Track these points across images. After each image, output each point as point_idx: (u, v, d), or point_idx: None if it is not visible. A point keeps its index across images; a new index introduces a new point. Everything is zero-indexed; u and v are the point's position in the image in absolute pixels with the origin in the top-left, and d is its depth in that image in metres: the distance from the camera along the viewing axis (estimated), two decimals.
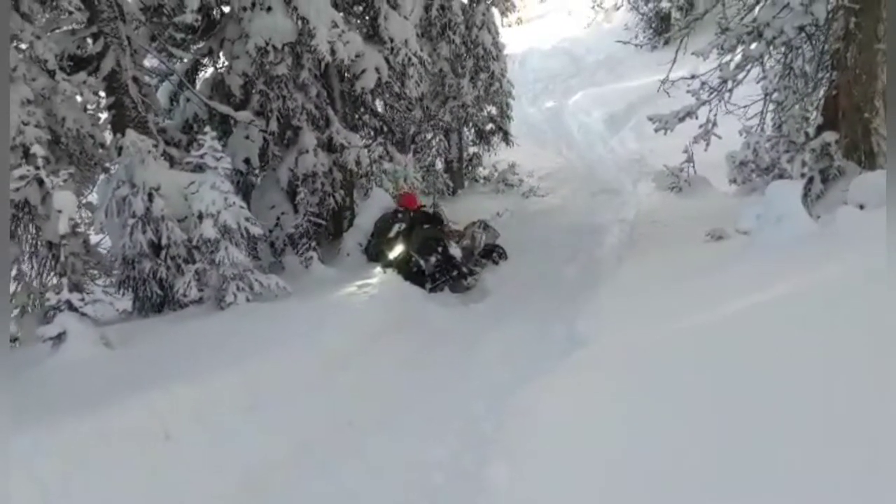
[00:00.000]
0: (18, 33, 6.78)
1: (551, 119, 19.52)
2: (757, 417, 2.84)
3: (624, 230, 9.92)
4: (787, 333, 3.47)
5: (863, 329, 3.13)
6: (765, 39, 7.94)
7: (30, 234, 7.53)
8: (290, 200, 9.17)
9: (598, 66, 22.45)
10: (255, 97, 8.93)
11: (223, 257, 6.70)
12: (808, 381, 2.96)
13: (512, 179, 14.53)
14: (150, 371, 4.73)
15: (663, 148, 12.26)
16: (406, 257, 8.50)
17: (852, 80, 7.78)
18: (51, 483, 3.35)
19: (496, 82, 14.11)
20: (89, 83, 7.42)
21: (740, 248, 6.33)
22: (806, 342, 3.30)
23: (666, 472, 2.73)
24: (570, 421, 3.41)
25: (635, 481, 2.70)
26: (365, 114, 10.84)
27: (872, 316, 3.19)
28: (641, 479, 2.70)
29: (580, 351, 4.64)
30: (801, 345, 3.29)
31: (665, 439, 2.96)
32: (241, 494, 3.76)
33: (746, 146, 10.54)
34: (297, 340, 5.51)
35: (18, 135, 6.55)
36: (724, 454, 2.70)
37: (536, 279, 8.49)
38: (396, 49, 9.38)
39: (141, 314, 7.31)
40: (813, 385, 2.92)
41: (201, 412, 4.14)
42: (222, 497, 3.69)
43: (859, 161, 8.02)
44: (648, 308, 5.18)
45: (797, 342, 3.33)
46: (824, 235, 5.61)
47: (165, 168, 7.35)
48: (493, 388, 4.97)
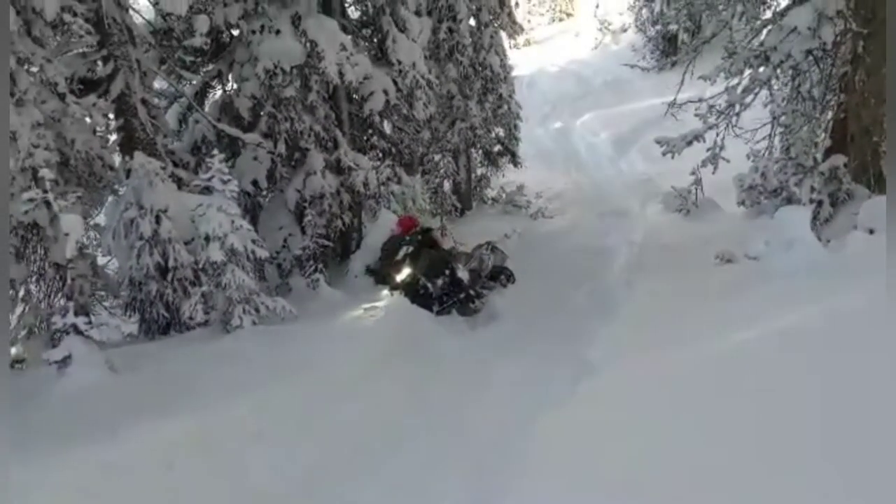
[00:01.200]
0: (30, 56, 6.83)
1: (559, 140, 19.57)
2: (765, 446, 2.80)
3: (632, 252, 9.88)
4: (799, 362, 3.43)
5: (875, 357, 3.10)
6: (772, 63, 7.96)
7: (38, 255, 7.55)
8: (298, 222, 9.17)
9: (605, 87, 22.55)
10: (264, 119, 8.97)
11: (229, 280, 6.69)
12: (820, 410, 2.92)
13: (520, 201, 14.52)
14: (154, 398, 4.69)
15: (671, 169, 12.24)
16: (413, 280, 8.46)
17: (860, 103, 7.78)
18: None
19: (504, 104, 14.17)
20: (99, 105, 7.46)
21: (750, 274, 6.28)
22: (818, 371, 3.26)
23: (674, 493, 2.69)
24: (579, 451, 3.36)
25: None
26: (373, 136, 10.85)
27: (886, 342, 3.15)
28: None
29: (590, 381, 4.58)
30: (813, 374, 3.25)
31: (678, 471, 2.91)
32: None
33: (755, 170, 10.51)
34: (304, 366, 5.47)
35: (28, 157, 6.58)
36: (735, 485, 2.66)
37: (545, 303, 8.43)
38: (404, 71, 9.41)
39: (147, 336, 7.29)
40: (824, 414, 2.88)
41: (206, 441, 4.10)
42: None
43: (868, 184, 8.00)
44: (659, 336, 5.13)
45: (809, 371, 3.29)
46: (834, 262, 5.58)
47: (173, 190, 7.36)
48: (500, 418, 4.92)
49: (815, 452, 2.68)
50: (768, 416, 3.05)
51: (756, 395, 3.26)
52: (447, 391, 5.81)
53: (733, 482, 2.68)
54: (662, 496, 2.76)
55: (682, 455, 3.00)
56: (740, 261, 7.21)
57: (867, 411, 2.78)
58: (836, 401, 2.96)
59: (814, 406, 3.00)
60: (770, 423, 2.99)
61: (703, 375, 3.85)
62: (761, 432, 2.94)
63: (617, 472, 3.06)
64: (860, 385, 2.99)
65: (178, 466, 3.85)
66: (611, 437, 3.39)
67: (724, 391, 3.46)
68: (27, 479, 3.38)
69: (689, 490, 2.75)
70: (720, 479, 2.73)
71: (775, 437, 2.87)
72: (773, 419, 3.01)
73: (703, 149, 8.97)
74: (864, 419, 2.74)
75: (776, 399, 3.17)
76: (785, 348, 3.75)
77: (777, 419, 2.99)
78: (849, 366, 3.20)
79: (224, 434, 4.22)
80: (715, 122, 8.47)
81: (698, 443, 3.04)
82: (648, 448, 3.14)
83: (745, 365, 3.76)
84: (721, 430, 3.09)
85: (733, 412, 3.21)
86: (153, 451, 3.85)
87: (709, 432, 3.09)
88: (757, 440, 2.89)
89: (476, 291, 8.91)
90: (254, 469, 4.08)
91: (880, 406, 2.78)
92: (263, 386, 4.91)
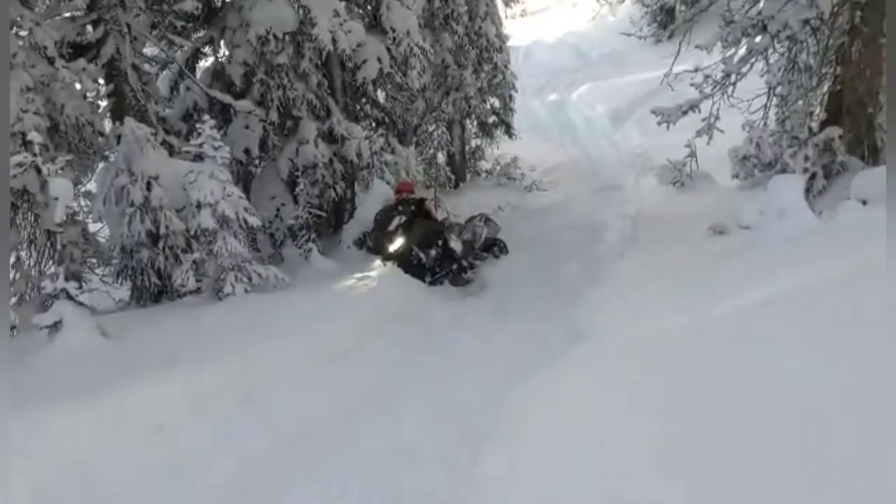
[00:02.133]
0: (18, 20, 6.74)
1: (555, 113, 19.46)
2: (755, 412, 2.81)
3: (626, 226, 9.87)
4: (789, 329, 3.44)
5: (865, 323, 3.10)
6: (769, 33, 7.90)
7: (28, 222, 7.51)
8: (290, 191, 9.14)
9: (602, 59, 22.40)
10: (256, 86, 8.89)
11: (221, 247, 6.67)
12: (811, 375, 2.93)
13: (514, 173, 14.49)
14: (145, 361, 4.70)
15: (666, 143, 12.17)
16: (406, 250, 8.45)
17: (856, 74, 7.73)
18: (44, 472, 3.33)
19: (499, 74, 14.06)
20: (89, 70, 7.38)
21: (742, 244, 6.28)
22: (808, 337, 3.26)
23: (662, 461, 2.71)
24: (568, 415, 3.38)
25: (630, 470, 2.68)
26: (366, 104, 10.79)
27: (874, 311, 3.16)
28: (636, 469, 2.68)
29: (579, 346, 4.60)
30: (804, 340, 3.26)
31: (663, 430, 2.93)
32: (236, 484, 3.73)
33: (749, 141, 10.47)
34: (295, 332, 5.48)
35: (17, 122, 6.51)
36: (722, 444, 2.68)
37: (537, 274, 8.44)
38: (398, 39, 9.32)
39: (139, 304, 7.28)
40: (814, 379, 2.89)
41: (197, 402, 4.11)
42: (216, 487, 3.66)
43: (863, 156, 7.99)
44: (649, 304, 5.14)
45: (799, 337, 3.30)
46: (827, 230, 5.57)
47: (165, 157, 7.31)
48: (490, 382, 4.93)
49: (799, 414, 2.70)
50: (754, 379, 3.06)
51: (743, 359, 3.28)
52: (439, 355, 5.83)
53: (714, 442, 2.70)
54: (645, 450, 2.78)
55: (665, 412, 3.03)
56: (733, 232, 7.21)
57: (858, 371, 2.80)
58: (826, 362, 2.97)
59: (805, 368, 3.00)
60: (755, 386, 3.00)
61: (691, 340, 3.86)
62: (747, 395, 2.96)
63: (603, 429, 3.07)
64: (849, 346, 3.00)
65: (170, 426, 3.87)
66: (599, 397, 3.41)
67: (712, 355, 3.47)
68: (15, 439, 3.38)
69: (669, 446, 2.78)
70: (702, 438, 2.75)
71: (760, 400, 2.88)
72: (759, 382, 3.02)
73: (698, 123, 8.94)
74: (856, 378, 2.75)
75: (763, 363, 3.18)
76: (776, 313, 3.77)
77: (767, 382, 3.00)
78: (839, 330, 3.21)
79: (215, 396, 4.23)
80: (711, 91, 8.41)
81: (682, 401, 3.06)
82: (632, 407, 3.16)
83: (734, 330, 3.77)
84: (712, 394, 3.10)
85: (722, 376, 3.22)
86: (144, 411, 3.86)
87: (694, 393, 3.11)
88: (742, 403, 2.90)
89: (469, 262, 8.92)
90: (245, 430, 4.10)
91: (870, 368, 2.79)
92: (255, 351, 4.92)
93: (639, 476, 2.67)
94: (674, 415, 3.04)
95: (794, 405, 2.76)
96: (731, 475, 2.48)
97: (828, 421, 2.59)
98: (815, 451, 2.46)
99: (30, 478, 3.25)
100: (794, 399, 2.81)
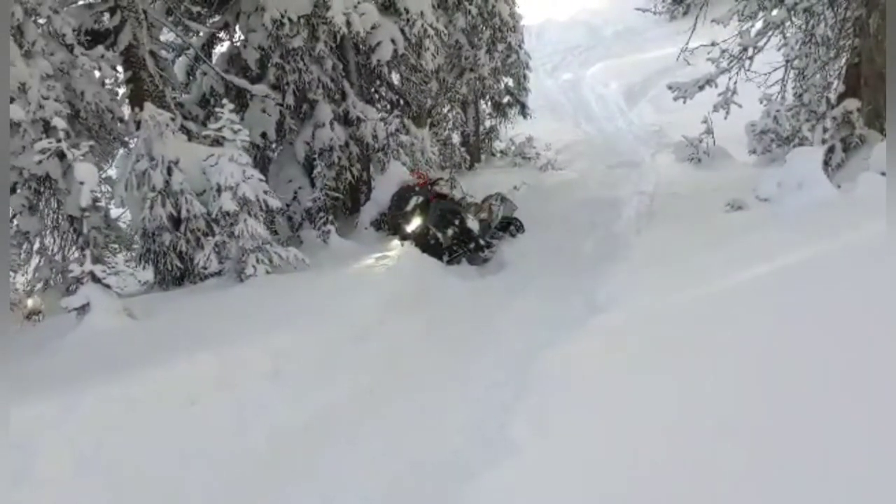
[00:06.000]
0: (37, 7, 6.81)
1: (569, 91, 19.39)
2: (773, 382, 2.84)
3: (643, 202, 9.87)
4: (804, 299, 3.46)
5: (882, 293, 3.12)
6: (786, 5, 7.82)
7: (51, 208, 7.63)
8: (307, 174, 9.21)
9: (616, 37, 22.25)
10: (272, 70, 8.95)
11: (242, 229, 6.75)
12: (829, 345, 2.95)
13: (529, 153, 14.49)
14: (173, 340, 4.80)
15: (682, 120, 12.15)
16: (424, 230, 8.50)
17: (875, 47, 7.65)
18: (84, 445, 3.42)
19: (513, 54, 14.03)
20: (107, 57, 7.47)
21: (760, 217, 6.28)
22: (825, 307, 3.29)
23: (680, 429, 2.75)
24: (590, 384, 3.43)
25: (650, 438, 2.73)
26: (381, 87, 10.80)
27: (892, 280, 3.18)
28: (656, 437, 2.73)
29: (599, 317, 4.65)
30: (821, 309, 3.28)
31: (683, 399, 2.98)
32: (266, 455, 3.84)
33: (767, 114, 10.42)
34: (318, 311, 5.55)
35: (39, 109, 6.61)
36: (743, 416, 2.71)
37: (554, 252, 8.47)
38: (412, 20, 9.32)
39: (161, 287, 7.40)
40: (834, 349, 2.91)
41: (225, 379, 4.20)
42: (248, 457, 3.76)
43: (881, 129, 7.91)
44: (668, 277, 5.17)
45: (815, 308, 3.32)
46: (845, 202, 5.57)
47: (184, 142, 7.39)
48: (512, 356, 5.00)
49: (819, 382, 2.72)
50: (770, 348, 3.09)
51: (766, 328, 3.31)
52: (458, 333, 5.90)
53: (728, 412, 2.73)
54: (660, 423, 2.83)
55: (680, 381, 3.08)
56: (751, 207, 7.21)
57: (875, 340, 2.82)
58: (845, 331, 3.00)
59: (825, 337, 3.03)
60: (771, 354, 3.03)
61: (708, 310, 3.90)
62: (763, 363, 2.99)
63: (624, 399, 3.13)
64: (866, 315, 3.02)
65: (200, 401, 3.96)
66: (619, 370, 3.46)
67: (728, 325, 3.50)
68: (52, 414, 3.49)
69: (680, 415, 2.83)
70: (726, 408, 2.79)
71: (775, 368, 2.91)
72: (775, 350, 3.05)
73: (714, 98, 8.89)
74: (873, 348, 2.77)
75: (778, 331, 3.22)
76: (790, 283, 3.79)
77: (787, 351, 3.03)
78: (859, 296, 3.23)
79: (242, 373, 4.31)
80: (727, 66, 8.36)
81: (703, 372, 3.10)
82: (652, 375, 3.21)
83: (752, 300, 3.81)
84: (729, 363, 3.14)
85: (742, 345, 3.26)
86: (175, 387, 3.95)
87: (716, 362, 3.15)
88: (758, 371, 2.94)
89: (486, 241, 8.96)
90: (272, 405, 4.18)
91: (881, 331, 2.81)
92: (279, 330, 4.99)
93: (659, 434, 2.72)
94: (690, 381, 3.09)
95: (807, 372, 2.79)
96: (761, 443, 2.50)
97: (844, 385, 2.61)
98: (832, 414, 2.48)
99: (70, 448, 3.34)
100: (806, 367, 2.84)
